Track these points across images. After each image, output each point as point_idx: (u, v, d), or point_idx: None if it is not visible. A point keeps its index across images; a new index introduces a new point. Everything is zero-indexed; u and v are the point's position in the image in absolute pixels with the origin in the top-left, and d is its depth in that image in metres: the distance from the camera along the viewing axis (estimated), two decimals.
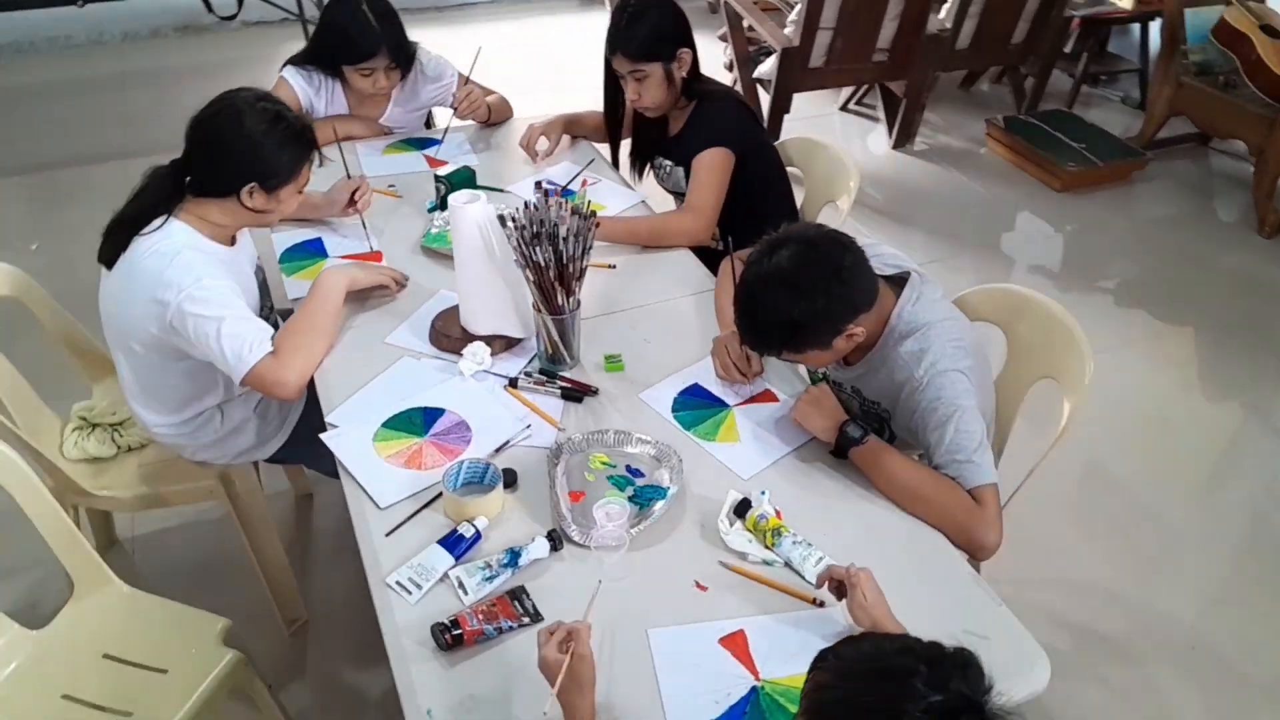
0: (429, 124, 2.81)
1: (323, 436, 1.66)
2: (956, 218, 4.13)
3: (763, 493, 1.56)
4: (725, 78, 4.63)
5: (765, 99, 4.22)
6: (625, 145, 2.57)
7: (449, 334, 1.86)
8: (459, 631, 1.32)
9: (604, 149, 2.62)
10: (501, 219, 1.65)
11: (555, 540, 1.46)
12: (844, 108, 4.96)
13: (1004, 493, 1.81)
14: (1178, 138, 4.60)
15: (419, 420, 1.70)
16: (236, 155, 1.77)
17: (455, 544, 1.45)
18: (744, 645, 1.35)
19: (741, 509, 1.52)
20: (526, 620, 1.36)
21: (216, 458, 2.05)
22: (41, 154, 4.37)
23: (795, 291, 1.53)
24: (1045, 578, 2.49)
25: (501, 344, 1.84)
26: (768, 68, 4.20)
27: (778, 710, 1.27)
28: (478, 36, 2.76)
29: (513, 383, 1.78)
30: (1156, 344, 3.41)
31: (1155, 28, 4.82)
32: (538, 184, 2.38)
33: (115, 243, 1.79)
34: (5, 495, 1.64)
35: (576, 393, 1.76)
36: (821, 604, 1.40)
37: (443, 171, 2.28)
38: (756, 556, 1.47)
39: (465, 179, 2.27)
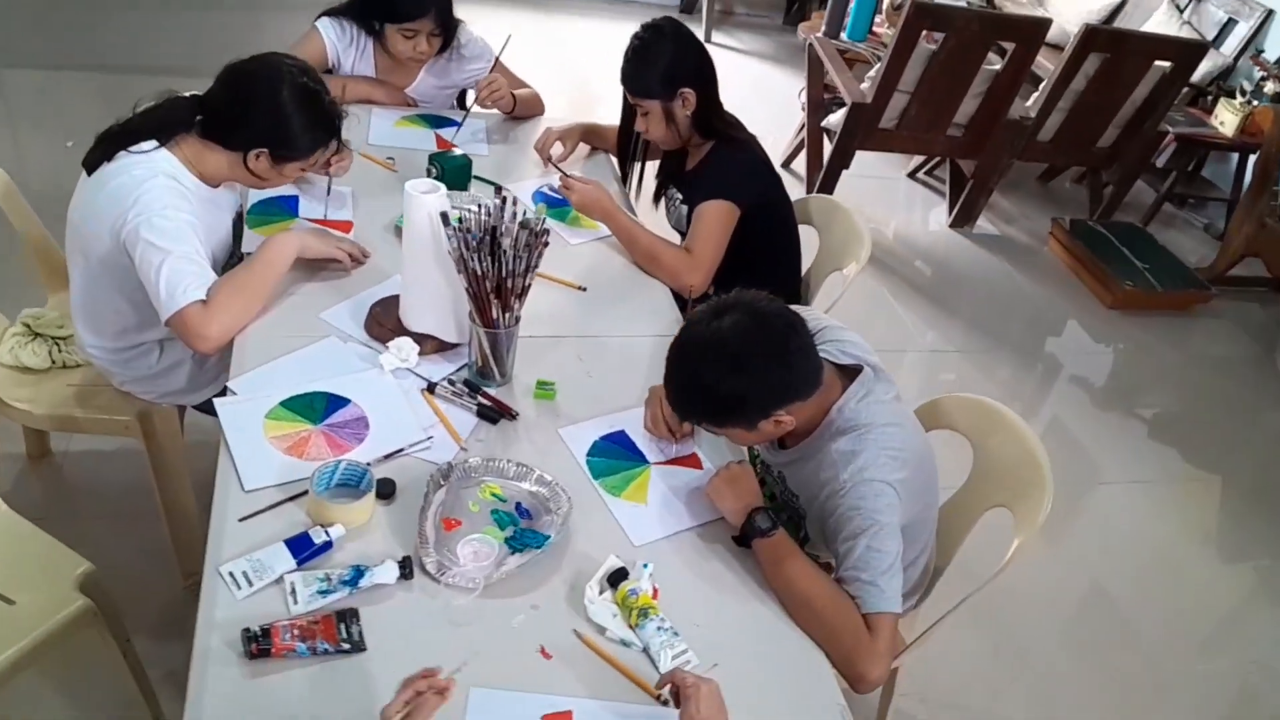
0: (462, 104, 2.74)
1: (216, 402, 1.58)
2: (1000, 311, 3.94)
3: (645, 565, 1.43)
4: (798, 116, 4.50)
5: (829, 150, 4.09)
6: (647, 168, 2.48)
7: (383, 323, 1.77)
8: (268, 644, 1.22)
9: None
10: (444, 216, 1.55)
11: (406, 568, 1.36)
12: (912, 175, 4.80)
13: (926, 621, 1.68)
14: (1251, 278, 4.34)
15: (319, 406, 1.61)
16: (260, 117, 1.75)
17: (302, 546, 1.36)
18: None
19: (616, 578, 1.40)
20: (347, 648, 1.26)
21: (144, 392, 2.00)
22: (125, 56, 4.42)
23: (730, 364, 1.41)
24: (1018, 692, 2.36)
25: (433, 345, 1.75)
26: (837, 119, 4.06)
27: None
28: (514, 26, 2.67)
29: (430, 388, 1.68)
30: (1182, 486, 3.21)
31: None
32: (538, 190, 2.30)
33: (103, 151, 1.76)
34: None
35: (494, 413, 1.65)
36: (666, 701, 1.28)
37: (440, 155, 2.19)
38: (615, 634, 1.35)
39: (460, 167, 2.19)
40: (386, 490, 1.48)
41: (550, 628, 1.35)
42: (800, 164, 4.50)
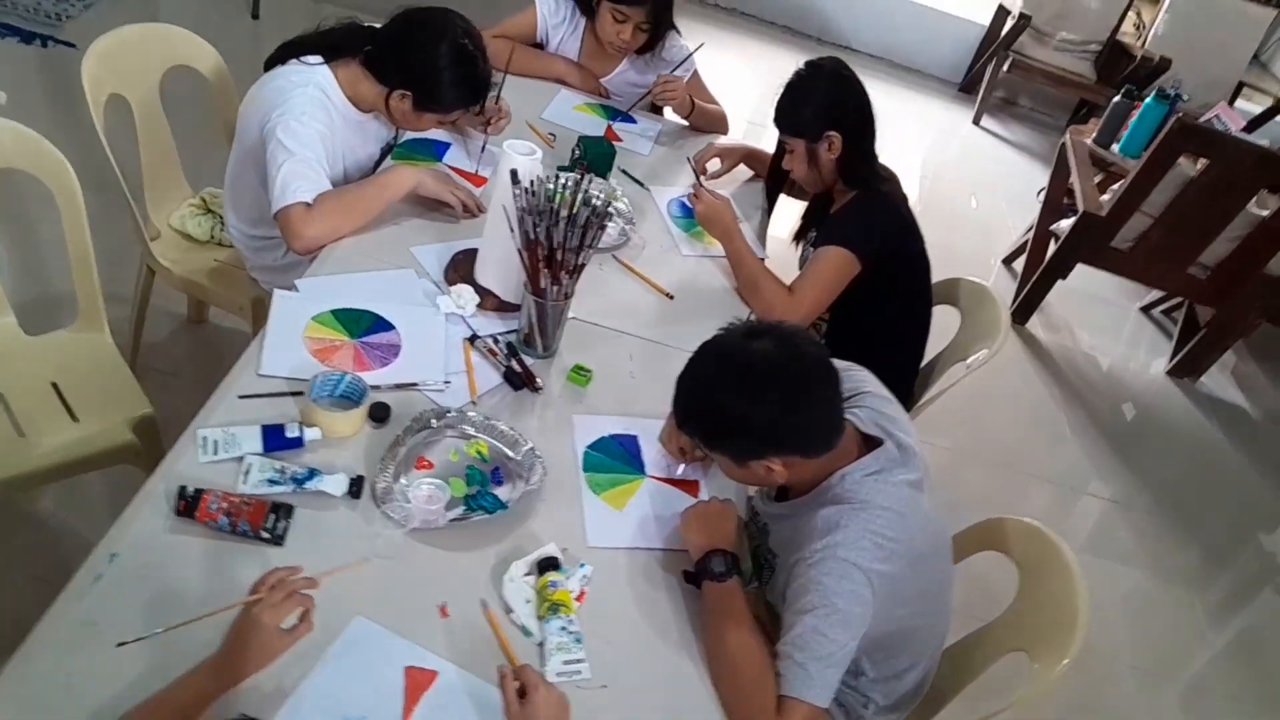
0: (655, 109, 2.77)
1: (276, 292, 1.69)
2: (1197, 486, 3.47)
3: (583, 565, 1.38)
4: (1033, 207, 4.19)
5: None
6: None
7: (459, 271, 1.82)
8: (194, 506, 1.28)
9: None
10: (514, 174, 1.57)
11: (356, 487, 1.38)
12: (1147, 309, 4.35)
13: None
14: None
15: (365, 323, 1.68)
16: (413, 63, 1.88)
17: (275, 435, 1.42)
18: (423, 686, 1.21)
19: (546, 565, 1.35)
20: (266, 537, 1.30)
21: (266, 282, 2.17)
22: None
23: (740, 384, 1.32)
24: None
25: (493, 302, 1.78)
26: (1067, 224, 3.76)
27: None
28: (716, 42, 2.66)
29: (472, 339, 1.71)
30: None
31: None
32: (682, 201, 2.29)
33: (280, 55, 1.95)
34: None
35: (519, 379, 1.65)
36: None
37: (589, 138, 2.23)
38: (519, 619, 1.31)
39: (603, 154, 2.21)
40: (380, 414, 1.51)
41: (461, 590, 1.33)
42: (1021, 264, 4.20)
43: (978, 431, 3.33)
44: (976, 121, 5.60)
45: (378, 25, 1.95)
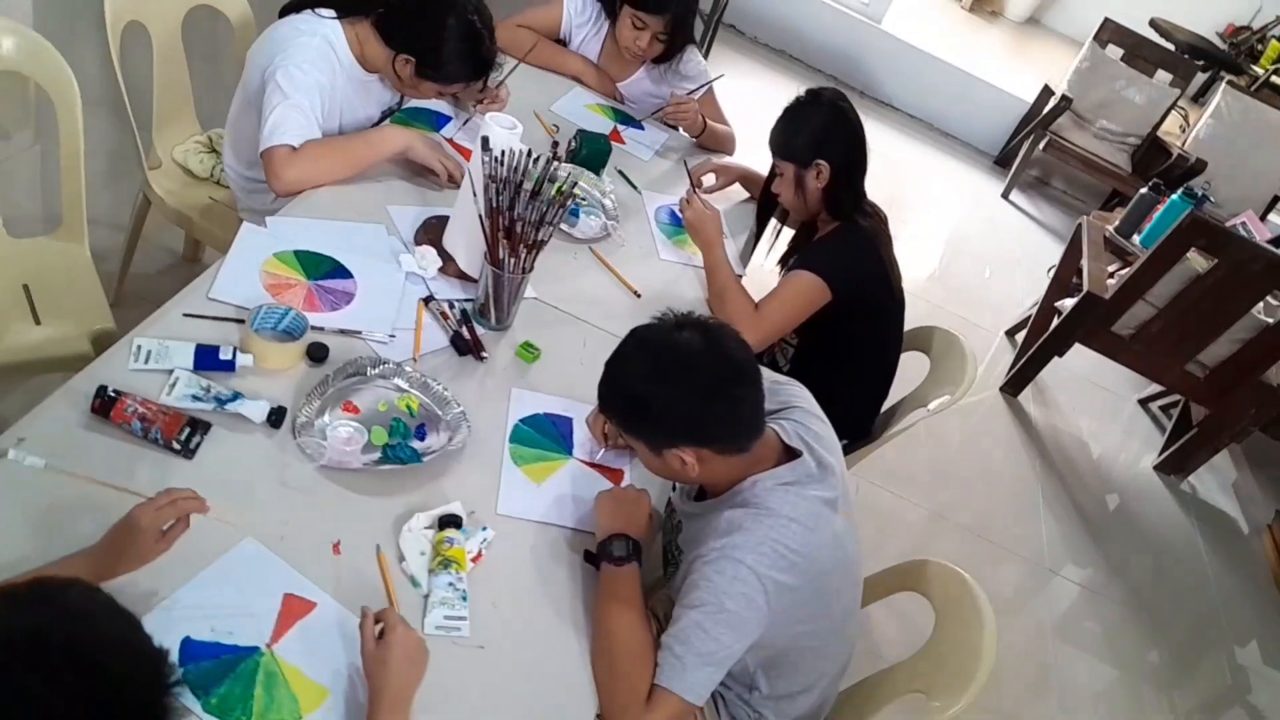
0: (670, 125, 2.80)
1: (244, 224, 1.71)
2: (1170, 585, 3.41)
3: (484, 528, 1.38)
4: (1043, 281, 4.18)
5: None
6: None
7: (428, 235, 1.84)
8: (109, 406, 1.29)
9: None
10: (485, 141, 1.59)
11: (276, 417, 1.39)
12: (1145, 401, 4.31)
13: None
14: None
15: (324, 268, 1.70)
16: (419, 30, 1.91)
17: (208, 356, 1.43)
18: (298, 615, 1.21)
19: (447, 522, 1.36)
20: (176, 448, 1.31)
21: (256, 223, 2.19)
22: None
23: (654, 367, 1.33)
24: None
25: (454, 268, 1.79)
26: (1071, 302, 3.74)
27: (253, 680, 1.13)
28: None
29: (427, 300, 1.72)
30: None
31: None
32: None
33: (296, 4, 1.99)
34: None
35: (465, 345, 1.66)
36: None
37: (587, 132, 2.26)
38: (410, 569, 1.31)
39: (599, 150, 2.24)
40: (318, 354, 1.53)
41: (358, 532, 1.33)
42: (1022, 337, 4.17)
43: (954, 495, 3.30)
44: (1006, 195, 5.59)
45: None
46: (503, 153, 1.59)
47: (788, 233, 2.39)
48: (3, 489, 1.18)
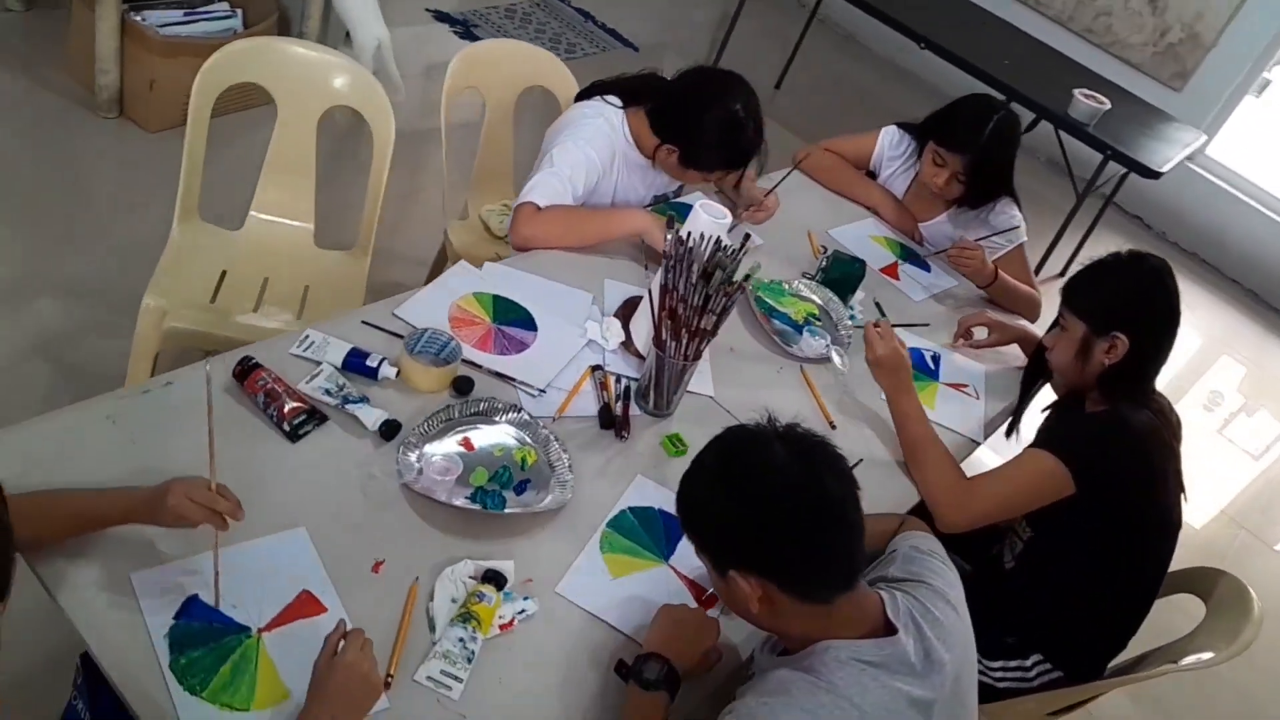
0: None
1: (460, 263, 1.81)
2: None
3: (528, 598, 1.29)
4: None
5: None
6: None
7: (625, 311, 1.82)
8: (246, 374, 1.41)
9: None
10: (670, 220, 1.54)
11: (388, 429, 1.42)
12: None
13: None
14: None
15: (513, 315, 1.74)
16: (685, 120, 1.97)
17: (356, 359, 1.51)
18: (302, 613, 1.21)
19: (490, 577, 1.28)
20: (286, 429, 1.38)
21: None
22: None
23: (727, 482, 1.16)
24: None
25: (635, 347, 1.75)
26: None
27: (226, 657, 1.14)
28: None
29: (595, 367, 1.69)
30: None
31: None
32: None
33: (588, 92, 2.15)
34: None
35: (611, 419, 1.60)
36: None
37: (842, 255, 2.13)
38: (434, 612, 1.25)
39: (849, 274, 2.09)
40: (463, 387, 1.55)
41: (406, 557, 1.30)
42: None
43: None
44: None
45: (670, 80, 2.04)
46: (688, 234, 1.53)
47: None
48: (134, 415, 1.32)
